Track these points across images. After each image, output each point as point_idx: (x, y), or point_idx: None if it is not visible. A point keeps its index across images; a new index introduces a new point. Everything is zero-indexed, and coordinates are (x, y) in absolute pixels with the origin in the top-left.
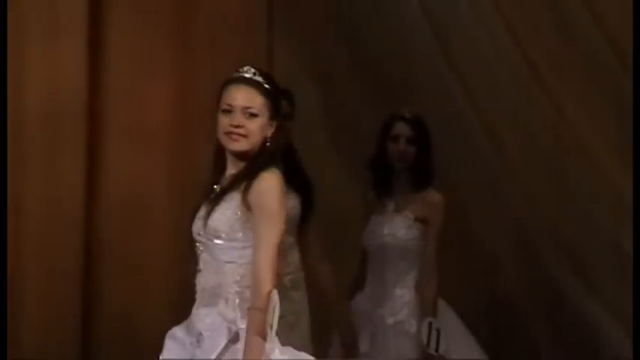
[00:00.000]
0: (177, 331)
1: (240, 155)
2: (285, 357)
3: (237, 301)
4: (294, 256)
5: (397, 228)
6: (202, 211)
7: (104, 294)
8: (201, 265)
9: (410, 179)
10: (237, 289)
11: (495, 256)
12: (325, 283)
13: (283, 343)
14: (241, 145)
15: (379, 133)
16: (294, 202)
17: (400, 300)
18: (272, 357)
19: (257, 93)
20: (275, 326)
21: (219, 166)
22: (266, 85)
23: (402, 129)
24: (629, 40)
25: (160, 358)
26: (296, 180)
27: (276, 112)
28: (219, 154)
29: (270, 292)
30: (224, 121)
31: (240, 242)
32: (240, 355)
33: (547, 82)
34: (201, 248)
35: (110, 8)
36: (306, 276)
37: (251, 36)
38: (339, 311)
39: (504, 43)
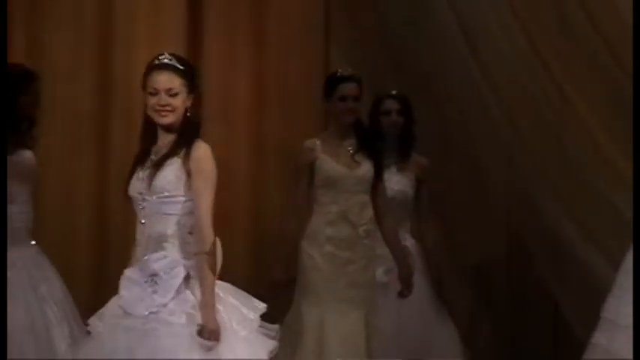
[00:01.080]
0: (131, 273)
1: (167, 127)
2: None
3: (180, 245)
4: (369, 212)
5: (404, 185)
6: (141, 174)
7: None
8: (143, 219)
9: (399, 144)
10: (180, 235)
11: (508, 209)
12: (387, 235)
13: (360, 283)
14: (169, 119)
15: (371, 109)
16: (367, 166)
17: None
18: (221, 294)
19: (175, 76)
20: (218, 270)
21: (150, 138)
22: (181, 68)
23: (392, 105)
24: (616, 29)
25: (119, 294)
26: (368, 150)
27: (192, 88)
28: (149, 128)
29: (214, 240)
30: (152, 100)
31: (180, 197)
32: (193, 292)
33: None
34: (143, 204)
35: (206, 14)
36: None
37: (310, 36)
38: (399, 255)
39: (520, 41)
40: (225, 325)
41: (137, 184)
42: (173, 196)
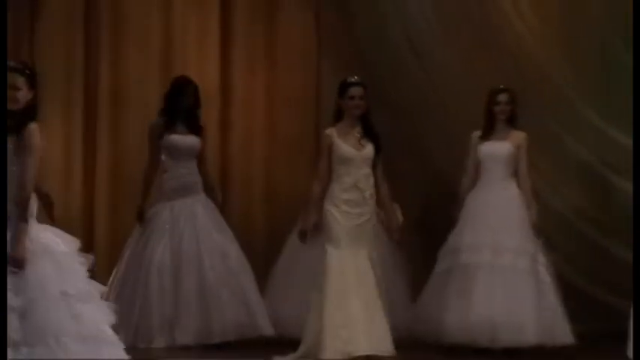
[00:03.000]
0: (9, 213)
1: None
2: (48, 234)
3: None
4: (372, 181)
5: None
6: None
7: None
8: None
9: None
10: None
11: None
12: (382, 197)
13: (366, 230)
14: (16, 107)
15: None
16: (370, 148)
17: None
18: (36, 234)
19: (18, 75)
20: (35, 214)
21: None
22: (25, 70)
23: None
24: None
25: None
26: (370, 135)
27: (32, 84)
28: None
29: (30, 197)
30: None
31: (18, 166)
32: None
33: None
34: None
35: (234, 44)
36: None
37: (307, 56)
38: (390, 214)
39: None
40: (37, 253)
41: None
42: (13, 164)
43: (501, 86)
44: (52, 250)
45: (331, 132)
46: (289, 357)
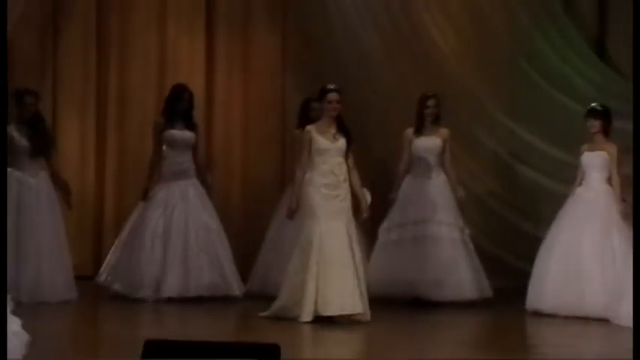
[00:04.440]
0: None
1: None
2: None
3: None
4: (344, 168)
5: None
6: None
7: None
8: None
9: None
10: None
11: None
12: (353, 182)
13: (342, 208)
14: None
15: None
16: (343, 141)
17: None
18: None
19: None
20: None
21: None
22: None
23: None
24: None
25: None
26: (343, 132)
27: None
28: None
29: None
30: None
31: None
32: None
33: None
34: None
35: (217, 55)
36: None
37: (274, 73)
38: (359, 197)
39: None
40: None
41: None
42: None
43: (430, 93)
44: None
45: (311, 129)
46: (266, 312)
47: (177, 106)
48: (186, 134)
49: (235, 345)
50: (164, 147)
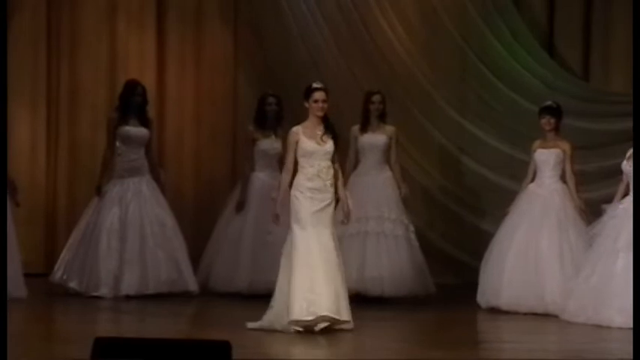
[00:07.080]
0: None
1: None
2: None
3: None
4: (331, 171)
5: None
6: None
7: None
8: None
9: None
10: None
11: None
12: (339, 185)
13: (328, 213)
14: None
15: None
16: (330, 143)
17: None
18: None
19: None
20: None
21: None
22: None
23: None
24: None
25: None
26: (331, 133)
27: None
28: None
29: None
30: None
31: None
32: None
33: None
34: None
35: (168, 52)
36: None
37: (225, 69)
38: (344, 197)
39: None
40: None
41: None
42: None
43: (375, 89)
44: None
45: (298, 130)
46: (258, 323)
47: (131, 101)
48: (142, 131)
49: (186, 342)
50: (118, 143)
